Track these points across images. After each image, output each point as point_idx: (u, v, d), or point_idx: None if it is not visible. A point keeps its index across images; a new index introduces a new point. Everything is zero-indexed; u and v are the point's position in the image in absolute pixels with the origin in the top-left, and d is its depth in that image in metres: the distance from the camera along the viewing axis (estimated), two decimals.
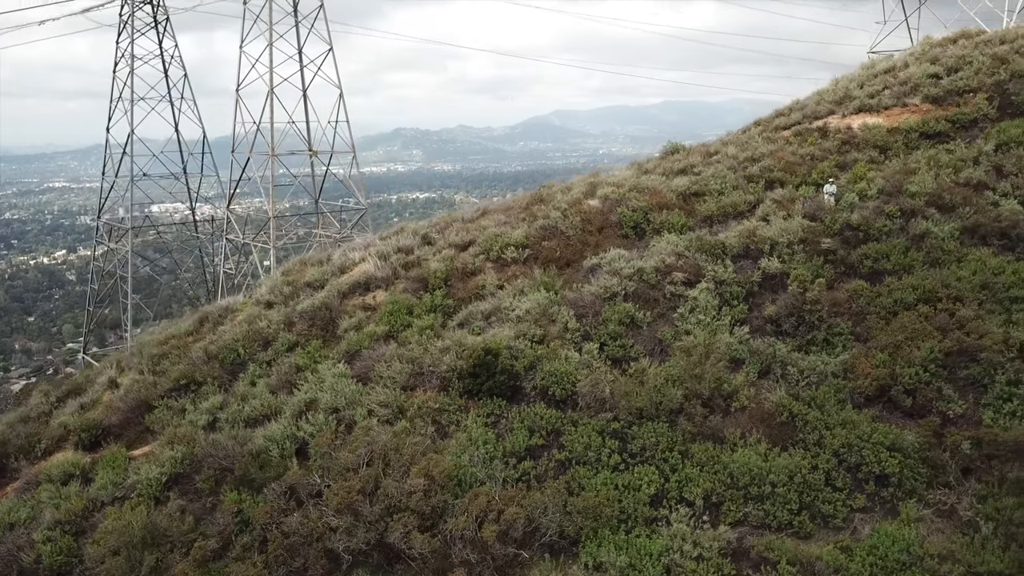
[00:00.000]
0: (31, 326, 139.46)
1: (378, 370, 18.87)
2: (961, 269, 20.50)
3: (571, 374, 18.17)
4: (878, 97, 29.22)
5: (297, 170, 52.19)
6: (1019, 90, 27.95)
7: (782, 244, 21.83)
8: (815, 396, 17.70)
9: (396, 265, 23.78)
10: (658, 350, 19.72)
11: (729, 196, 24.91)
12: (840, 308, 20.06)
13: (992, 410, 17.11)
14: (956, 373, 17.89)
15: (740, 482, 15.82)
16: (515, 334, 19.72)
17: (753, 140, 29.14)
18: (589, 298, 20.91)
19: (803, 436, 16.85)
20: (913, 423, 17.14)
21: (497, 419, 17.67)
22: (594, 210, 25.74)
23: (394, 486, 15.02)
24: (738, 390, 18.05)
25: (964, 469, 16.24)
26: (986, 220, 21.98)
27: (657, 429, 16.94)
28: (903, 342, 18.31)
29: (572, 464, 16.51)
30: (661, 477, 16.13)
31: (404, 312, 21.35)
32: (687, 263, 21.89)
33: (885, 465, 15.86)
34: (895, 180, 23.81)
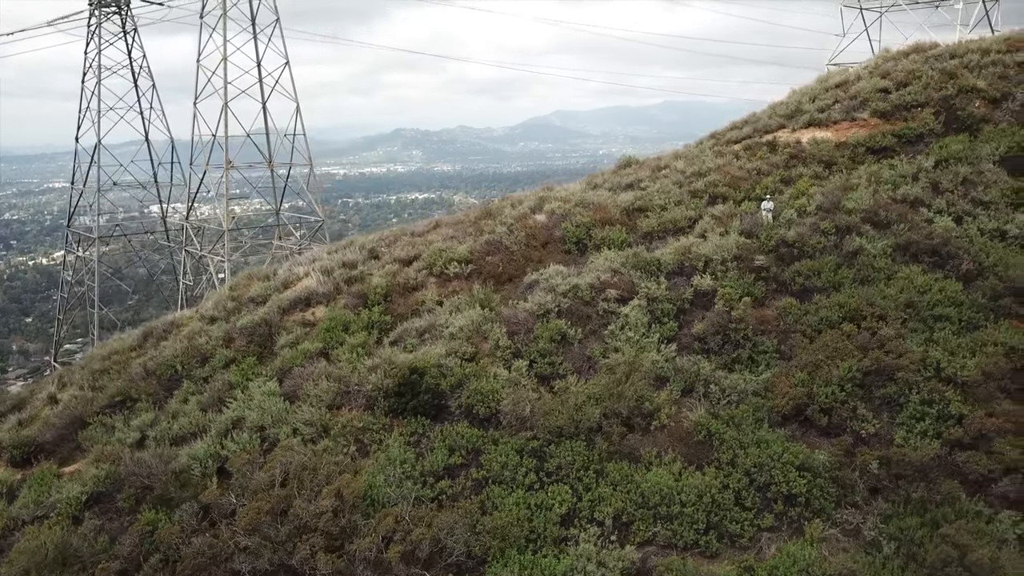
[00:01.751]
0: (29, 327, 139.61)
1: (307, 388, 19.06)
2: (889, 287, 20.73)
3: (495, 392, 18.38)
4: (828, 111, 29.47)
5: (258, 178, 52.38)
6: (964, 105, 28.21)
7: (716, 261, 22.05)
8: (734, 415, 17.93)
9: (339, 280, 23.97)
10: (586, 367, 19.94)
11: (671, 212, 25.13)
12: (768, 326, 20.30)
13: (905, 429, 17.34)
14: (873, 392, 18.12)
15: (651, 501, 16.03)
16: (446, 351, 19.93)
17: (704, 154, 29.37)
18: (523, 315, 21.11)
19: (718, 455, 17.07)
20: (827, 442, 17.37)
21: (420, 438, 17.86)
22: (540, 225, 25.95)
23: (304, 506, 15.24)
24: (660, 408, 18.26)
25: (873, 489, 16.48)
26: (919, 237, 22.21)
27: (575, 448, 17.16)
28: (823, 361, 18.53)
29: (489, 483, 16.71)
30: (574, 496, 16.34)
31: (340, 329, 21.55)
32: (622, 280, 22.11)
33: (793, 485, 16.08)
34: (833, 196, 24.04)
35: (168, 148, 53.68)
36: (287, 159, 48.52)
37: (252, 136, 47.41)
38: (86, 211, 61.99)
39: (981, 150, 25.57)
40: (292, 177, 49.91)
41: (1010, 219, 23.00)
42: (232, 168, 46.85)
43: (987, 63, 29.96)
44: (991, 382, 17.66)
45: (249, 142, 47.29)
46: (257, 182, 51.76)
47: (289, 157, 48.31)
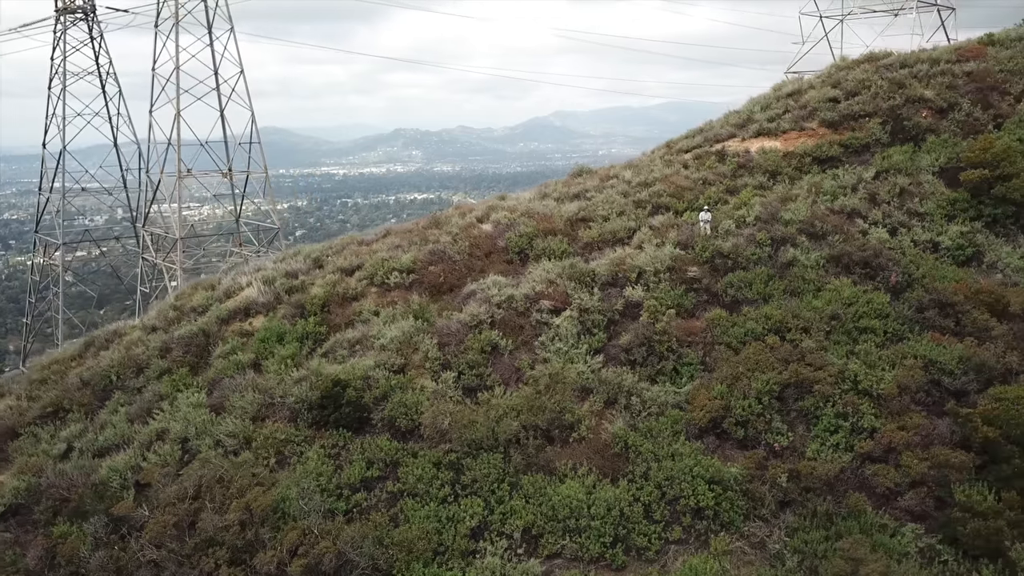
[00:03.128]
0: (26, 327, 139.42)
1: (233, 400, 19.19)
2: (817, 299, 20.88)
3: (417, 405, 18.52)
4: (777, 121, 29.62)
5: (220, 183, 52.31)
6: (911, 115, 28.37)
7: (649, 272, 22.19)
8: (652, 427, 18.07)
9: (280, 290, 24.09)
10: (514, 378, 20.07)
11: (613, 222, 25.26)
12: (696, 337, 20.44)
13: (819, 442, 17.49)
14: (790, 405, 18.27)
15: (560, 514, 16.16)
16: (375, 363, 20.06)
17: (654, 163, 29.52)
18: (456, 326, 21.23)
19: (633, 468, 17.21)
20: (742, 455, 17.52)
21: (340, 450, 18.00)
22: (484, 235, 26.08)
23: (212, 519, 15.37)
24: (581, 420, 18.40)
25: (782, 502, 16.62)
26: (852, 249, 22.36)
27: (492, 460, 17.28)
28: (743, 373, 18.67)
29: (404, 496, 16.84)
30: (486, 509, 16.48)
31: (274, 340, 21.68)
32: (557, 291, 22.23)
33: (701, 498, 16.22)
34: (772, 207, 24.19)
35: (135, 153, 53.90)
36: (253, 165, 48.64)
37: (211, 144, 47.56)
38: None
39: (921, 161, 25.74)
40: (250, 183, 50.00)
41: (944, 230, 23.17)
42: (188, 176, 46.96)
43: (936, 73, 30.13)
44: (906, 395, 17.82)
45: (213, 147, 47.48)
46: (218, 187, 51.98)
47: (247, 165, 48.38)
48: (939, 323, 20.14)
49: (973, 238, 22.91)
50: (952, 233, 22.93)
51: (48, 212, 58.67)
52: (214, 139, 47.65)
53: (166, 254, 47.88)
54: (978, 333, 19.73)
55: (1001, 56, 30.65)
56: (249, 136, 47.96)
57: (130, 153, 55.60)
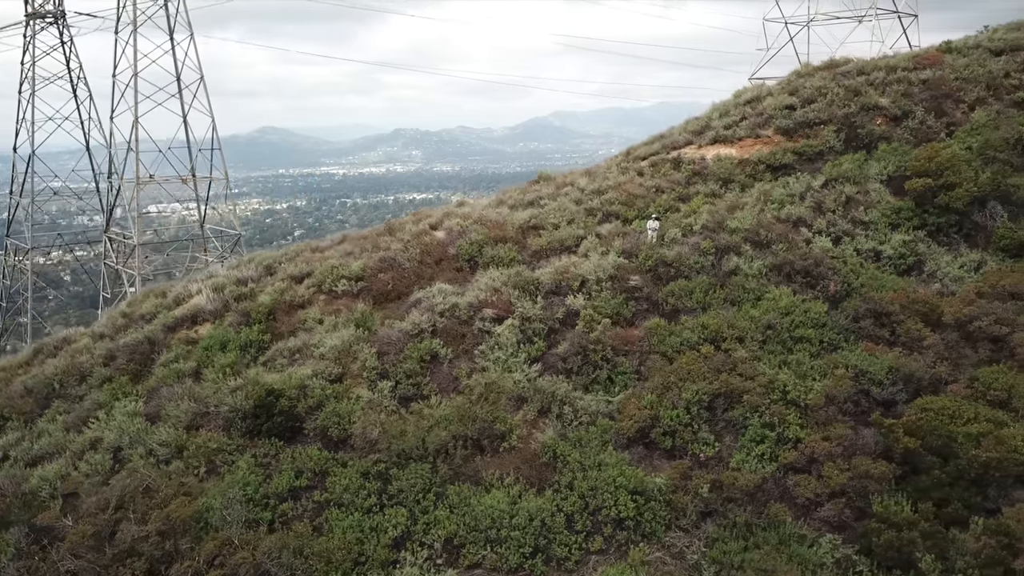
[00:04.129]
0: (24, 327, 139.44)
1: (168, 409, 19.28)
2: (755, 308, 20.99)
3: (350, 415, 18.62)
4: (734, 128, 29.72)
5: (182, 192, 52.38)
6: (865, 123, 28.49)
7: (592, 281, 22.30)
8: (581, 437, 18.17)
9: (229, 298, 24.18)
10: (451, 387, 20.17)
11: (562, 230, 25.38)
12: (633, 346, 20.53)
13: (745, 452, 17.59)
14: (718, 415, 18.37)
15: (482, 524, 16.25)
16: (313, 372, 20.16)
17: (610, 171, 29.63)
18: (396, 334, 21.33)
19: (559, 478, 17.31)
20: (669, 465, 17.62)
21: (271, 460, 18.08)
22: (436, 242, 26.19)
23: (132, 530, 15.44)
24: (513, 430, 18.50)
25: (704, 512, 16.71)
26: (794, 258, 22.48)
27: (420, 471, 17.37)
28: (674, 383, 18.77)
29: (330, 506, 16.92)
30: (410, 519, 16.56)
31: (217, 348, 21.76)
32: (500, 299, 22.33)
33: (622, 509, 16.30)
34: (718, 216, 24.31)
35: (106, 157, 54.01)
36: (215, 171, 48.70)
37: (176, 150, 47.73)
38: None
39: (870, 169, 25.86)
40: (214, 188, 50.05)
41: (887, 239, 23.28)
42: (151, 181, 47.07)
43: (892, 80, 30.26)
44: (832, 405, 17.92)
45: (179, 153, 47.68)
46: (181, 193, 51.97)
47: (209, 171, 48.48)
48: (874, 333, 20.26)
49: (915, 247, 23.04)
50: (895, 242, 23.05)
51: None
52: (180, 144, 47.82)
53: (125, 260, 48.00)
54: (911, 343, 19.85)
55: (958, 64, 30.77)
56: (211, 142, 48.19)
57: (102, 157, 55.64)
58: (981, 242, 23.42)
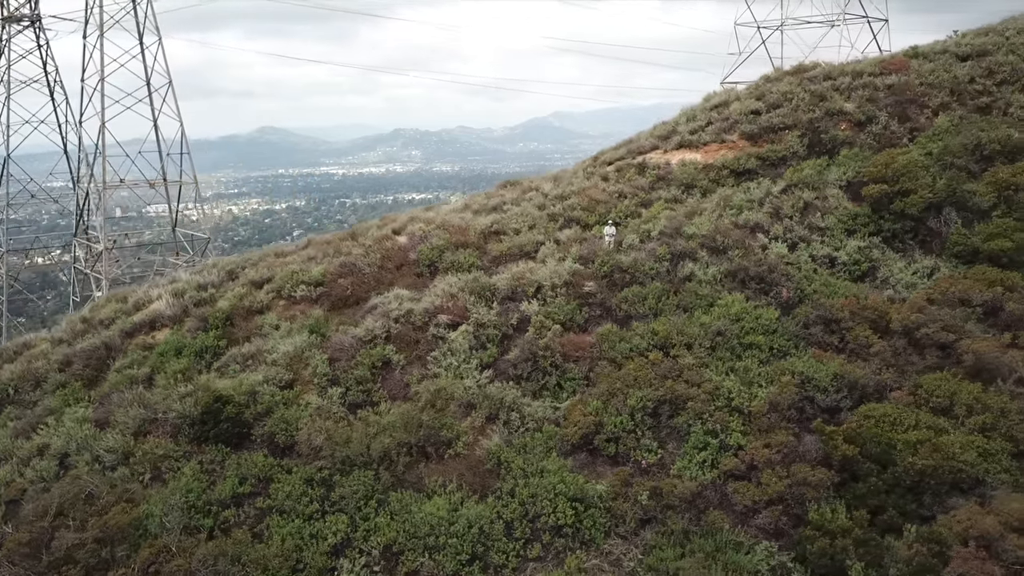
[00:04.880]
0: (22, 327, 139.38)
1: (117, 415, 19.33)
2: (706, 314, 21.04)
3: (297, 421, 18.68)
4: (699, 133, 29.79)
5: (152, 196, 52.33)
6: (828, 128, 28.57)
7: (547, 287, 22.35)
8: (526, 443, 18.23)
9: (189, 303, 24.23)
10: (402, 394, 20.23)
11: (523, 236, 25.43)
12: (583, 352, 20.59)
13: (687, 459, 17.65)
14: (663, 421, 18.43)
15: (421, 531, 16.30)
16: (264, 378, 20.22)
17: (576, 176, 29.70)
18: (350, 340, 21.39)
19: (501, 485, 17.37)
20: (611, 472, 17.68)
21: (217, 466, 18.14)
22: (398, 247, 26.24)
23: (69, 537, 15.50)
24: (459, 436, 18.56)
25: (644, 519, 16.77)
26: (748, 264, 22.53)
27: (363, 477, 17.43)
28: (620, 389, 18.83)
29: (272, 512, 16.98)
30: (351, 526, 16.62)
31: (172, 353, 21.81)
32: (456, 305, 22.38)
33: (560, 516, 16.36)
34: (676, 222, 24.37)
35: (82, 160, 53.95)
36: (184, 175, 48.69)
37: (149, 154, 47.83)
38: None
39: (829, 175, 25.92)
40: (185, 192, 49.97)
41: (842, 245, 23.36)
42: (119, 186, 47.12)
43: (858, 86, 30.33)
44: (775, 412, 17.98)
45: (152, 157, 47.75)
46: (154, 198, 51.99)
47: (179, 175, 48.48)
48: (824, 339, 20.33)
49: (869, 253, 23.11)
50: (850, 248, 23.12)
51: None
52: (151, 149, 47.89)
53: (93, 264, 48.06)
54: (859, 350, 19.93)
55: (924, 69, 30.86)
56: (180, 147, 48.18)
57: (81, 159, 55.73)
58: (936, 248, 23.49)
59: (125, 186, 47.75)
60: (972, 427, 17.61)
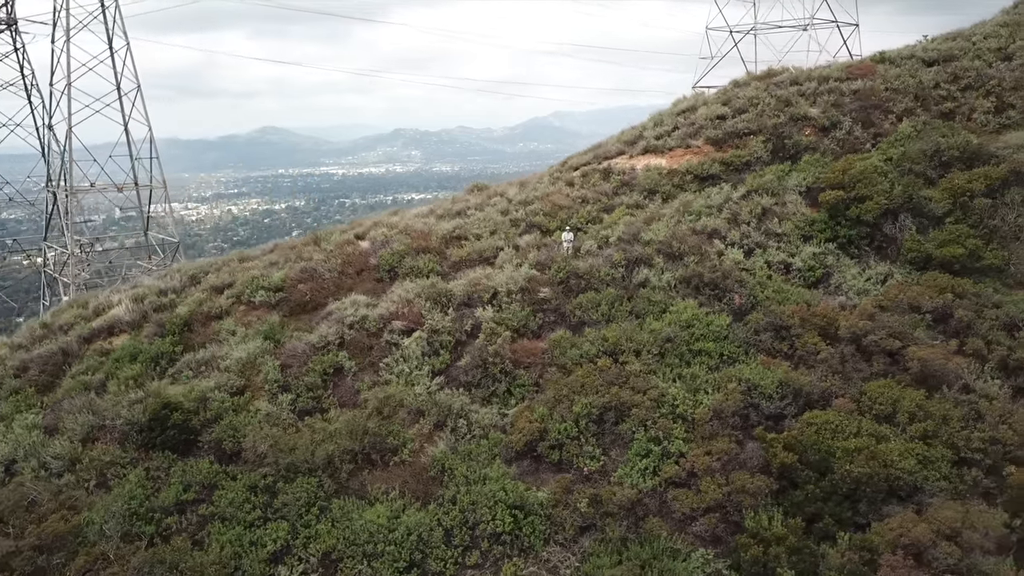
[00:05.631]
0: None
1: (66, 421, 19.37)
2: (658, 321, 21.10)
3: (243, 428, 18.74)
4: (664, 138, 29.84)
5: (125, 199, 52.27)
6: (793, 134, 28.63)
7: (503, 293, 22.41)
8: (471, 450, 18.30)
9: (149, 308, 24.26)
10: (353, 401, 20.29)
11: (484, 241, 25.49)
12: (535, 359, 20.66)
13: (629, 466, 17.71)
14: (607, 428, 18.49)
15: (361, 539, 16.38)
16: (215, 385, 20.27)
17: (541, 181, 29.76)
18: (303, 347, 21.45)
19: (443, 492, 17.44)
20: (554, 479, 17.75)
21: (164, 473, 18.20)
22: (360, 252, 26.29)
23: (6, 544, 15.55)
24: (405, 443, 18.63)
25: (583, 527, 16.83)
26: (703, 270, 22.60)
27: (306, 484, 17.48)
28: (566, 396, 18.90)
29: (214, 519, 17.04)
30: (291, 533, 16.68)
31: (127, 359, 21.85)
32: (412, 311, 22.44)
33: (498, 523, 16.43)
34: (633, 228, 24.44)
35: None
36: (154, 180, 48.63)
37: (120, 158, 47.79)
38: None
39: (789, 181, 25.99)
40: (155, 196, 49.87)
41: (798, 251, 23.42)
42: (90, 190, 47.20)
43: (824, 91, 30.39)
44: (718, 420, 18.04)
45: (123, 161, 47.64)
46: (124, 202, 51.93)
47: (149, 180, 48.48)
48: (773, 346, 20.40)
49: (824, 259, 23.18)
50: (805, 255, 23.18)
51: None
52: (123, 153, 47.85)
53: (61, 268, 48.08)
54: (807, 357, 20.00)
55: (890, 74, 30.92)
56: (149, 151, 48.26)
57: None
58: (892, 254, 23.55)
59: (95, 190, 47.77)
60: (913, 434, 17.68)
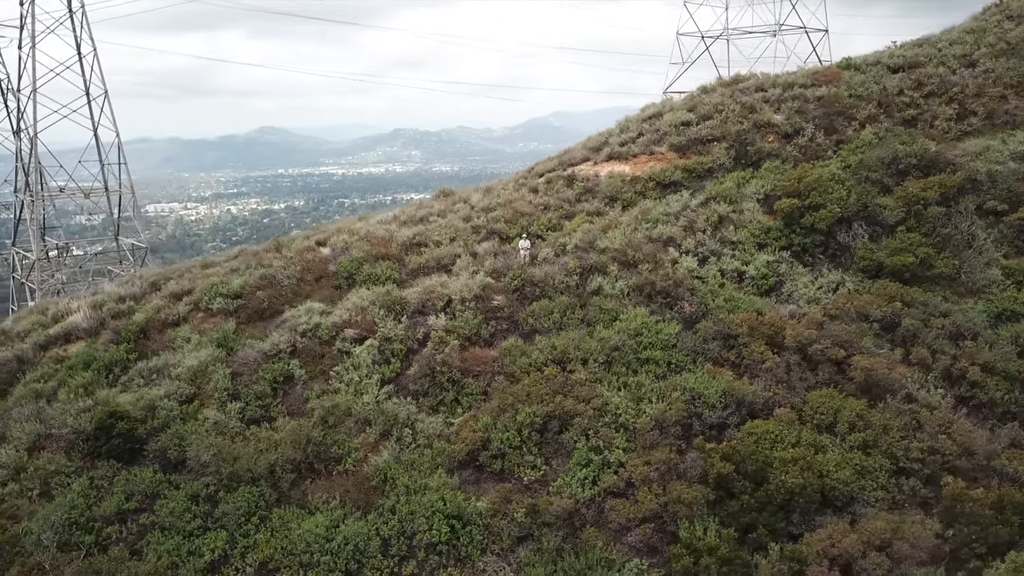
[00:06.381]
0: None
1: (13, 430, 19.43)
2: (608, 329, 21.16)
3: (188, 437, 18.80)
4: (628, 145, 29.91)
5: None
6: (756, 140, 28.71)
7: (457, 301, 22.47)
8: (414, 460, 18.36)
9: (107, 315, 24.32)
10: (301, 410, 20.35)
11: (444, 248, 25.55)
12: (485, 367, 20.72)
13: (570, 476, 17.77)
14: (550, 437, 18.55)
15: (298, 548, 16.45)
16: (165, 393, 20.35)
17: (505, 187, 29.83)
18: (255, 355, 21.50)
19: (383, 501, 17.51)
20: (495, 488, 17.81)
21: (108, 482, 18.25)
22: (319, 259, 26.35)
23: None
24: (350, 453, 18.70)
25: (521, 537, 16.89)
26: (656, 278, 22.65)
27: (248, 494, 17.55)
28: (511, 405, 18.95)
29: (155, 528, 17.11)
30: (230, 543, 16.75)
31: (81, 367, 21.90)
32: (365, 319, 22.50)
33: (435, 533, 16.49)
34: (592, 235, 24.51)
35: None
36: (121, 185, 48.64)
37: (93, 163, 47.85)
38: None
39: (748, 188, 26.05)
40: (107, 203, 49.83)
41: (752, 259, 23.49)
42: (59, 196, 47.26)
43: (788, 97, 30.48)
44: (658, 429, 18.11)
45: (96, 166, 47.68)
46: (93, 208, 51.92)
47: (118, 185, 48.48)
48: (721, 355, 20.46)
49: (777, 268, 23.25)
50: (758, 263, 23.26)
51: None
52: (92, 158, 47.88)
53: (27, 273, 48.13)
54: (754, 366, 20.06)
55: (854, 81, 31.02)
56: (118, 157, 48.23)
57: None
58: (846, 262, 23.63)
59: (64, 195, 47.80)
60: (853, 444, 17.78)
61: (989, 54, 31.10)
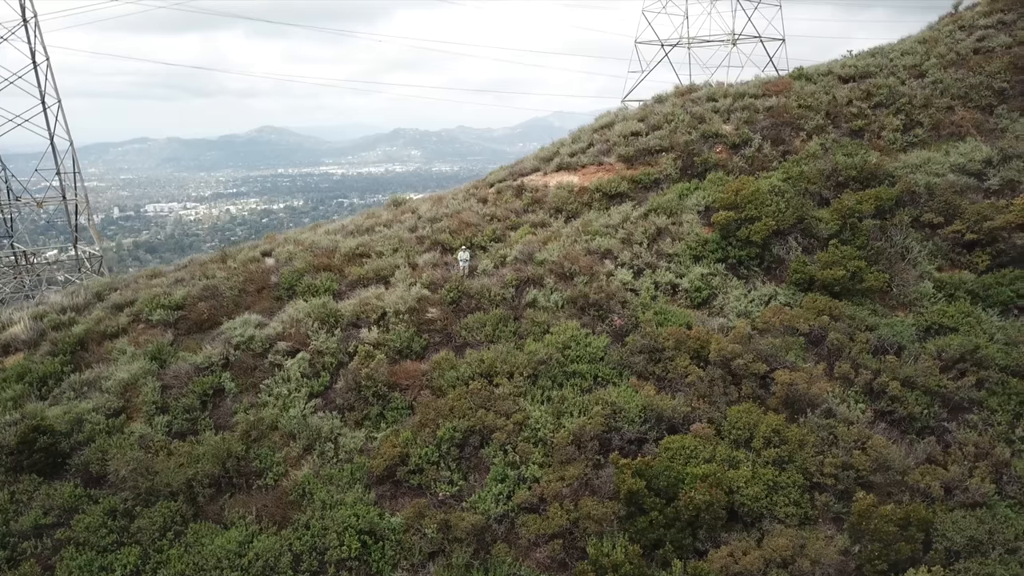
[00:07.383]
0: None
1: None
2: (537, 342, 21.26)
3: (111, 451, 18.86)
4: (578, 156, 30.00)
5: None
6: (703, 151, 28.82)
7: (391, 313, 22.56)
8: (333, 474, 18.45)
9: (47, 327, 24.35)
10: (230, 423, 20.42)
11: (385, 259, 25.62)
12: (414, 381, 20.81)
13: (485, 491, 17.88)
14: (469, 452, 18.65)
15: (210, 564, 16.52)
16: (94, 406, 20.39)
17: (455, 197, 29.91)
18: (187, 367, 21.56)
19: (299, 516, 17.59)
20: (411, 504, 17.90)
21: (28, 496, 18.31)
22: (262, 270, 26.39)
23: None
24: (271, 467, 18.78)
25: (432, 552, 16.99)
26: (589, 291, 22.75)
27: (164, 509, 17.62)
28: (433, 419, 19.06)
29: (69, 544, 17.18)
30: (143, 558, 16.83)
31: (13, 380, 21.94)
32: (298, 331, 22.57)
33: (344, 549, 16.59)
34: (530, 247, 24.60)
35: None
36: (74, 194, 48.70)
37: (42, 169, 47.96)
38: None
39: (689, 200, 26.15)
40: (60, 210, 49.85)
41: (687, 272, 23.58)
42: (10, 204, 47.43)
43: (738, 107, 30.58)
44: (575, 444, 18.21)
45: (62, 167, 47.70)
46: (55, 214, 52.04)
47: (74, 194, 48.56)
48: (647, 369, 20.57)
49: (711, 280, 23.35)
50: (693, 275, 23.36)
51: None
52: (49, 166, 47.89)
53: None
54: (678, 380, 20.17)
55: (805, 91, 31.13)
56: (72, 166, 48.26)
57: None
58: (781, 275, 23.74)
59: (19, 204, 47.87)
60: (767, 460, 17.89)
61: (938, 64, 31.23)
